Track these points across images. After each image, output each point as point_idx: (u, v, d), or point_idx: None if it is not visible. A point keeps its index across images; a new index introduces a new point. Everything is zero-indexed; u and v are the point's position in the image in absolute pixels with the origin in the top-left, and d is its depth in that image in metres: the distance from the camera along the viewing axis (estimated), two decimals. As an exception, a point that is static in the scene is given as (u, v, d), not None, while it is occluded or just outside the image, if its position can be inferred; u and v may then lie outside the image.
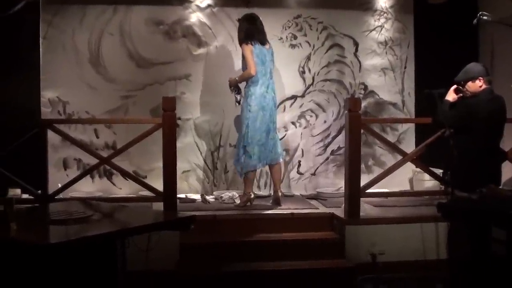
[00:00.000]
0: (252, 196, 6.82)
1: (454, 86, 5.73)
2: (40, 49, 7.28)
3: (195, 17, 7.59)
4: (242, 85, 6.88)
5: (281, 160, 7.05)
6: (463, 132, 5.57)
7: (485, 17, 6.34)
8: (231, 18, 7.57)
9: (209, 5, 7.60)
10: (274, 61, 6.97)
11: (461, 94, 5.69)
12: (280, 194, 6.90)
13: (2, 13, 7.21)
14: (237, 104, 6.96)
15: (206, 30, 7.58)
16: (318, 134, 7.91)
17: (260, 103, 6.73)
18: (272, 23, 7.64)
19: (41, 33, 7.28)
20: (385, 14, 7.95)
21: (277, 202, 6.85)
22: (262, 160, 6.81)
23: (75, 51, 7.37)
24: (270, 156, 6.86)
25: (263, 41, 6.87)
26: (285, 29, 7.77)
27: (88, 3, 7.38)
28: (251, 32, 6.82)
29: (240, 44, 6.85)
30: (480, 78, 5.57)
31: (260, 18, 6.92)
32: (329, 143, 7.93)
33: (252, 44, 6.74)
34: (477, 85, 5.58)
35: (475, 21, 6.32)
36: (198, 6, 7.59)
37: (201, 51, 7.54)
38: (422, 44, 8.02)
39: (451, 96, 5.76)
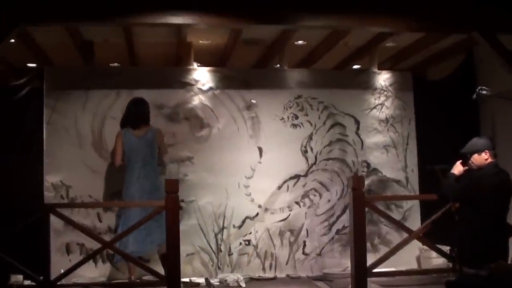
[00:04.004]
0: None
1: (460, 160, 5.76)
2: (44, 134, 7.33)
3: (197, 100, 7.65)
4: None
5: None
6: (469, 205, 5.54)
7: (484, 92, 6.42)
8: (233, 100, 7.67)
9: (211, 88, 7.69)
10: (154, 145, 7.01)
11: (467, 167, 5.70)
12: None
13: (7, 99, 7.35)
14: None
15: (208, 112, 7.64)
16: (322, 214, 7.84)
17: (130, 191, 6.82)
18: (274, 104, 7.76)
19: (45, 118, 7.34)
20: (385, 92, 8.03)
21: None
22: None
23: (78, 135, 7.42)
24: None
25: (136, 126, 6.94)
26: (287, 109, 7.82)
27: (91, 88, 7.46)
28: (125, 117, 7.02)
29: None
30: (486, 151, 5.60)
31: (146, 101, 7.09)
32: (334, 222, 7.85)
33: (121, 131, 6.90)
34: (482, 158, 5.61)
35: (474, 95, 6.40)
36: (200, 89, 7.67)
37: (203, 133, 7.56)
38: (423, 120, 8.08)
39: (457, 169, 5.78)
